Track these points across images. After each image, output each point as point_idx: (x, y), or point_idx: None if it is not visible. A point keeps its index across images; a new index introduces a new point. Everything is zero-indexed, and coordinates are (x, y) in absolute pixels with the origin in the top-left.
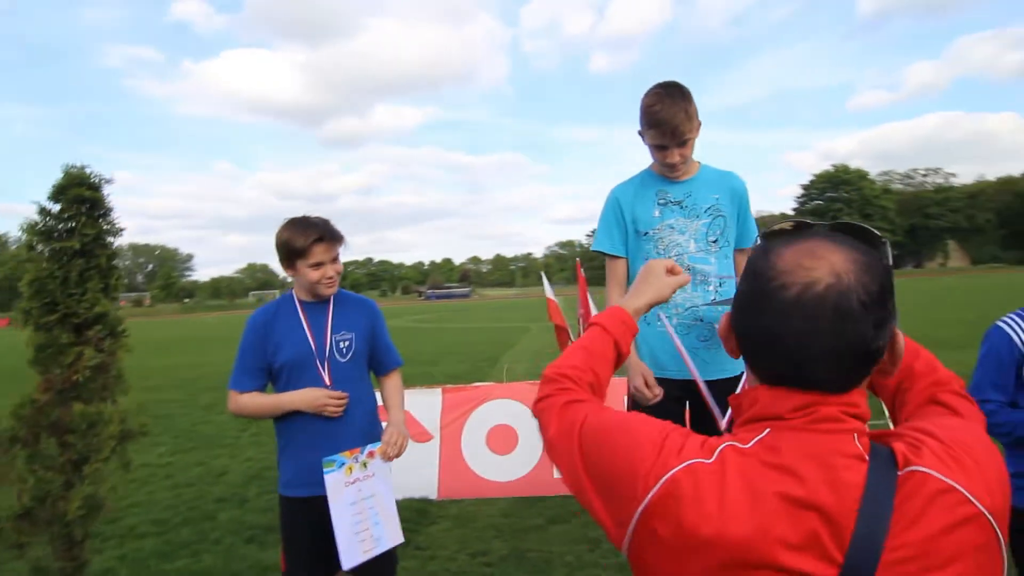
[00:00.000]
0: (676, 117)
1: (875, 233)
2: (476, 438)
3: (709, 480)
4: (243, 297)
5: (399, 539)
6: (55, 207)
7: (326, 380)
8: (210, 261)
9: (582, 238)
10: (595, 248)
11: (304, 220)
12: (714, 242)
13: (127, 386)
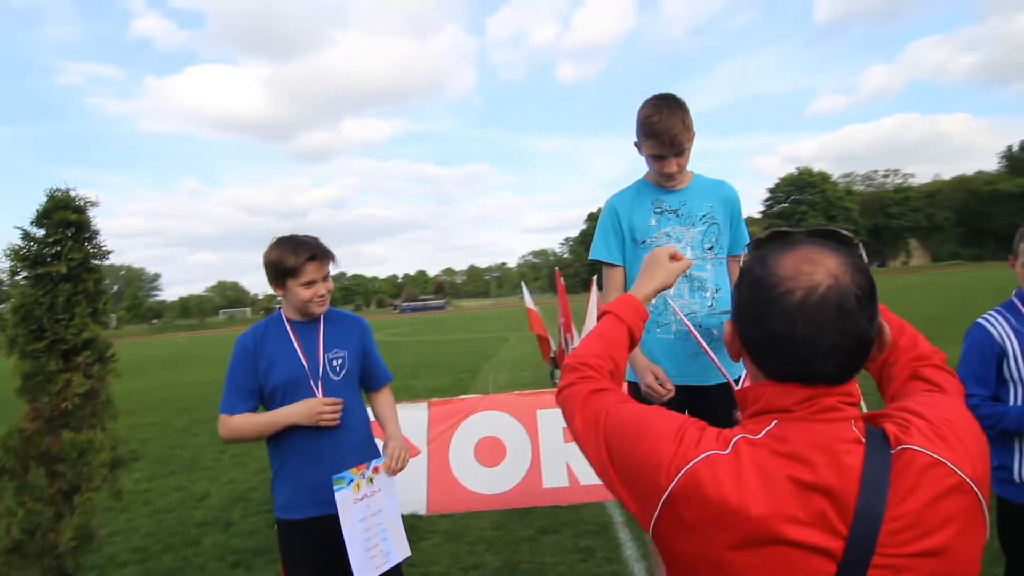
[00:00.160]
0: (675, 127)
1: (849, 236)
2: (464, 451)
3: (727, 469)
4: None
5: (407, 553)
6: (39, 232)
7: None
8: (178, 280)
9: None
10: (593, 257)
11: (294, 239)
12: (709, 249)
13: (116, 412)
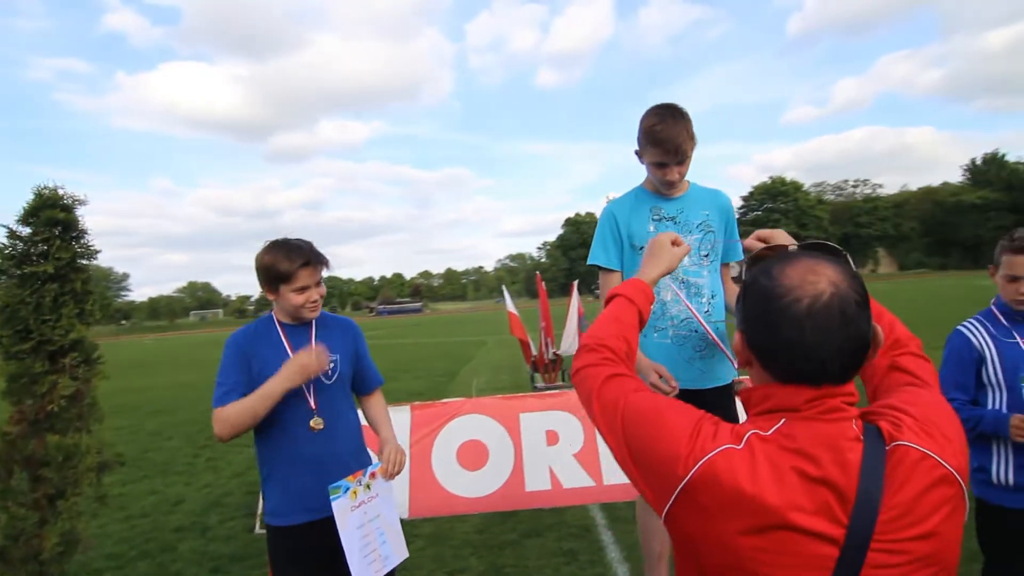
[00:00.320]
0: (679, 136)
1: (838, 248)
2: (446, 454)
3: (742, 461)
4: (184, 317)
5: (405, 555)
6: (25, 230)
7: (311, 403)
8: (147, 280)
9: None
10: (591, 262)
11: (288, 243)
12: (706, 256)
13: (102, 414)
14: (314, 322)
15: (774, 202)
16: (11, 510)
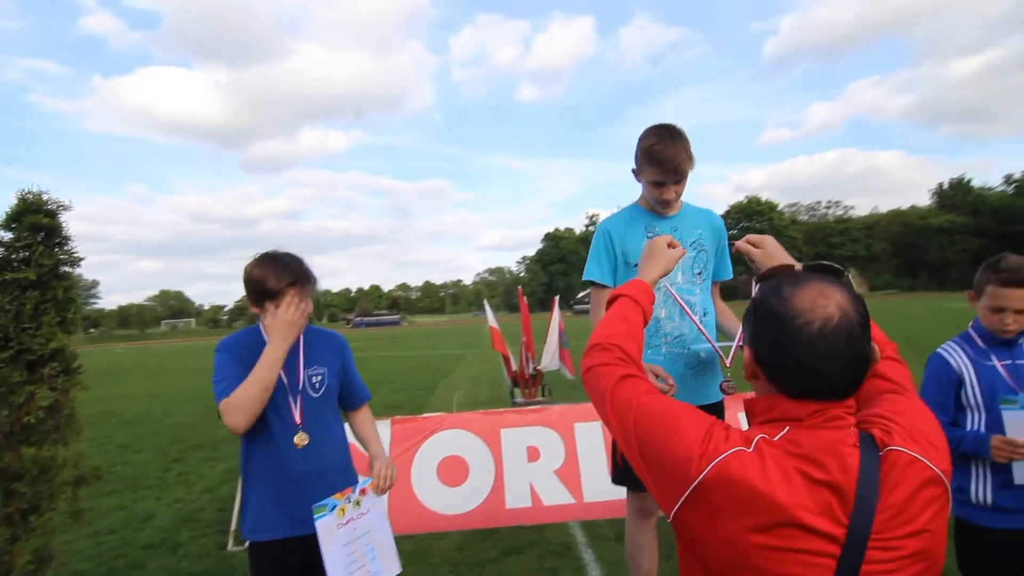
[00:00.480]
0: (679, 156)
1: (839, 268)
2: (427, 470)
3: (753, 463)
4: (155, 326)
5: (397, 570)
6: (6, 235)
7: (296, 417)
8: (118, 288)
9: (512, 265)
10: (586, 278)
11: (277, 260)
12: (698, 274)
13: (80, 426)
14: (301, 336)
15: (750, 221)
16: None
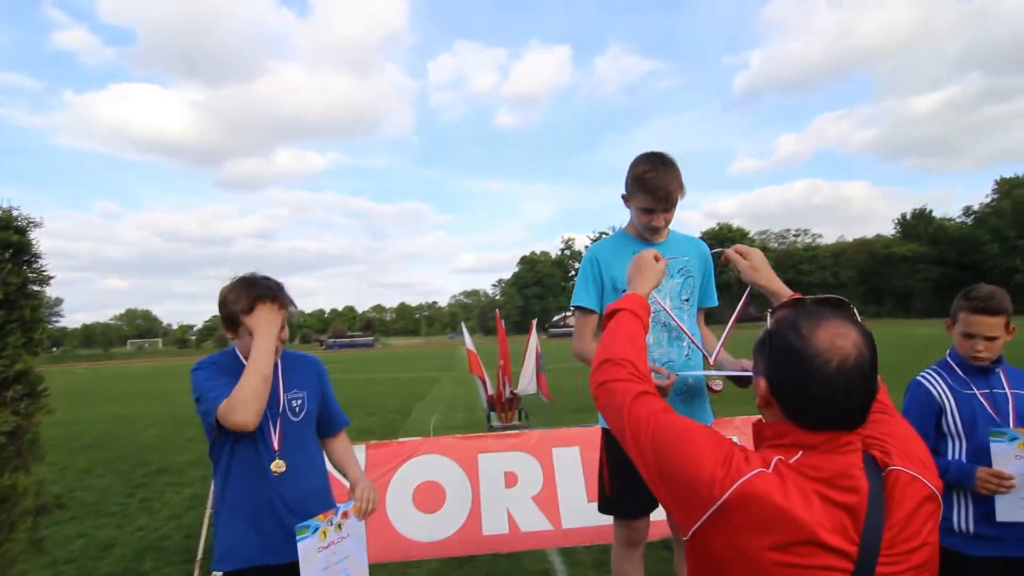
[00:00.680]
0: (670, 184)
1: (846, 301)
2: (402, 496)
3: (774, 483)
4: (120, 346)
5: None
6: None
7: (275, 442)
8: (82, 306)
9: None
10: (575, 303)
11: (255, 283)
12: (686, 300)
13: (44, 452)
14: (279, 360)
15: (722, 247)
16: None
